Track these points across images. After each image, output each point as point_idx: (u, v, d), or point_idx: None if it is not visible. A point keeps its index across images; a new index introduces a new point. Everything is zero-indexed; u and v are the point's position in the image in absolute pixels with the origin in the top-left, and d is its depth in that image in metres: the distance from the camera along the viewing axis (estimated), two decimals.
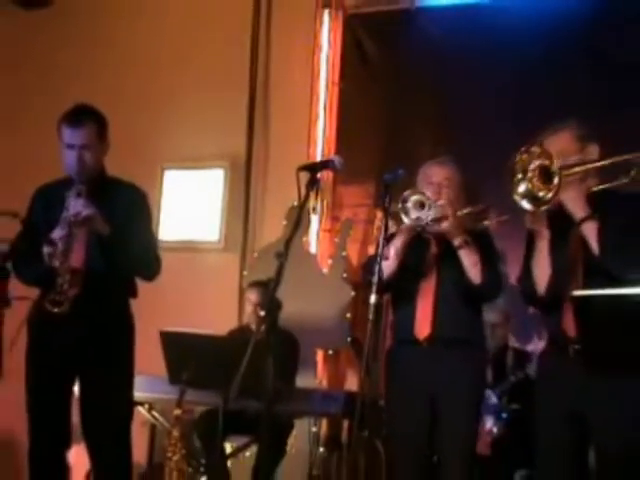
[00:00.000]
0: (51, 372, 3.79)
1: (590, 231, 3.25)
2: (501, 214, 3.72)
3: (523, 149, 3.30)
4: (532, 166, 3.27)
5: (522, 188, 3.28)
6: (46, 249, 3.62)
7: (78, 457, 3.99)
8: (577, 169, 3.30)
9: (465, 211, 3.80)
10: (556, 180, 3.22)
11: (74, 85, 6.73)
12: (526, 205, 3.28)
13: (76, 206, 3.66)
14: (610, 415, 3.21)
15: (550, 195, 3.24)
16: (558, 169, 3.23)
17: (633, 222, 3.25)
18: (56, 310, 3.58)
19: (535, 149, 3.29)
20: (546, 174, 3.26)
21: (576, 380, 3.25)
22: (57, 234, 3.64)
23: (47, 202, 3.87)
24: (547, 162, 3.25)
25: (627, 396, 3.18)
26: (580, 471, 3.35)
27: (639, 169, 3.32)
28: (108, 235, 3.70)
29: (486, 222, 3.80)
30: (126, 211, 3.85)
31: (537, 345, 4.14)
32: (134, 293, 3.98)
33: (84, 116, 3.82)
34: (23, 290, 3.61)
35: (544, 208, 3.28)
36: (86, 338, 3.74)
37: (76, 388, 3.90)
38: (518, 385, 4.49)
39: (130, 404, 4.00)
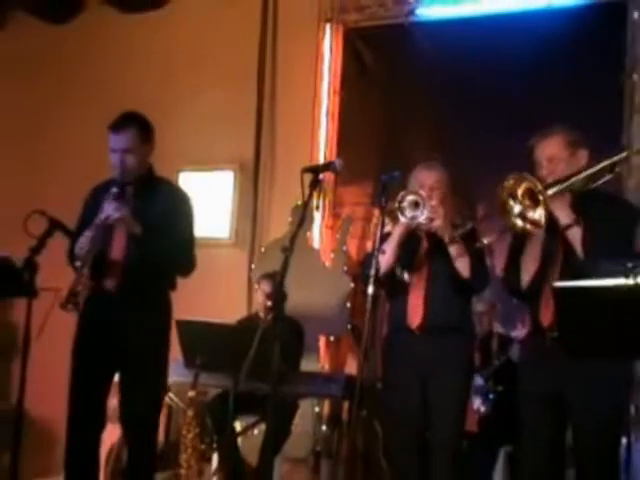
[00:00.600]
0: (92, 360, 3.78)
1: (575, 236, 3.27)
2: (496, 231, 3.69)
3: (507, 180, 3.29)
4: (519, 191, 3.27)
5: (516, 210, 3.27)
6: (77, 250, 3.65)
7: (105, 434, 3.99)
8: (560, 187, 3.29)
9: (457, 233, 3.78)
10: (542, 199, 3.22)
11: (93, 94, 6.78)
12: (521, 224, 3.26)
13: (108, 209, 3.66)
14: (585, 396, 3.24)
15: (539, 213, 3.23)
16: (542, 190, 3.22)
17: (609, 226, 3.27)
18: (70, 308, 3.55)
19: (517, 175, 3.29)
20: (533, 194, 3.26)
21: (554, 364, 3.27)
22: (84, 237, 3.64)
23: (96, 200, 3.86)
24: (531, 185, 3.25)
25: (600, 379, 3.21)
26: (558, 447, 3.38)
27: (622, 166, 3.34)
28: (141, 233, 3.70)
29: (478, 244, 3.78)
30: (165, 210, 3.82)
31: (521, 332, 4.16)
32: (173, 286, 3.96)
33: (126, 122, 3.81)
34: (49, 282, 3.63)
35: (541, 225, 3.27)
36: (125, 327, 3.73)
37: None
38: (502, 368, 4.50)
39: (163, 391, 4.00)
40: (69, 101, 6.93)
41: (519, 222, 3.27)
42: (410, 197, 3.68)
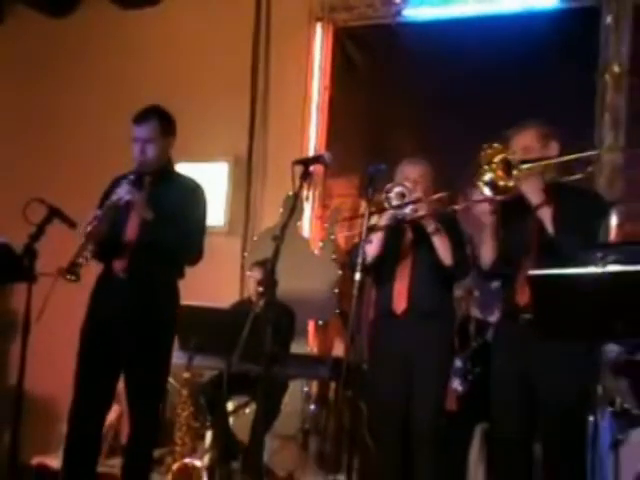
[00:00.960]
0: (99, 344, 3.74)
1: (545, 214, 3.33)
2: (467, 199, 3.76)
3: (488, 145, 3.36)
4: (496, 159, 3.33)
5: (487, 177, 3.34)
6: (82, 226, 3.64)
7: None
8: (533, 164, 3.37)
9: (436, 196, 3.85)
10: (515, 172, 3.29)
11: (91, 87, 6.78)
12: (487, 192, 3.35)
13: (120, 192, 3.67)
14: (553, 376, 3.29)
15: (510, 184, 3.30)
16: (518, 163, 3.30)
17: (579, 212, 3.33)
18: (69, 277, 3.53)
19: (500, 145, 3.36)
20: (508, 166, 3.32)
21: (525, 346, 3.33)
22: (92, 214, 3.66)
23: (114, 189, 3.82)
24: (510, 156, 3.32)
25: (568, 360, 3.27)
26: (528, 424, 3.43)
27: (594, 166, 3.41)
28: (152, 219, 3.69)
29: (455, 207, 3.86)
30: (179, 200, 3.81)
31: (497, 317, 4.20)
32: (181, 274, 3.93)
33: (148, 114, 3.82)
34: (48, 267, 3.64)
35: (504, 196, 3.35)
36: (132, 311, 3.70)
37: None
38: (479, 350, 4.55)
39: (167, 376, 3.94)
40: (68, 93, 6.90)
41: (486, 189, 3.33)
42: (396, 189, 3.72)
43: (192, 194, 3.92)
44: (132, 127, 3.82)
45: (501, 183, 3.31)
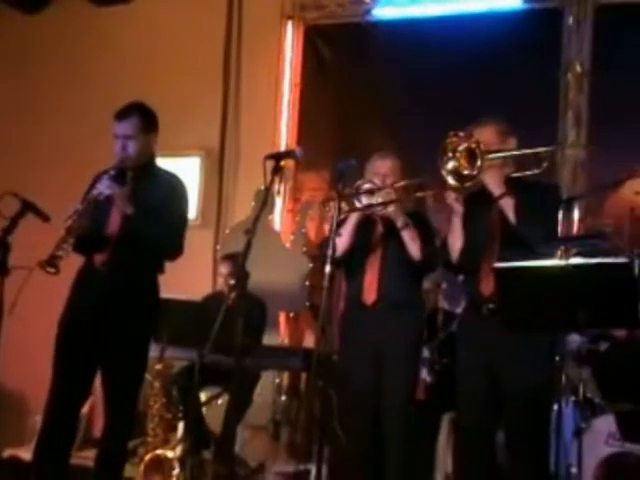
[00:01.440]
0: (77, 338, 3.70)
1: (507, 205, 3.36)
2: (434, 187, 3.77)
3: (454, 133, 3.38)
4: (461, 147, 3.34)
5: (450, 165, 3.36)
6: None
7: None
8: (497, 155, 3.40)
9: (402, 183, 3.85)
10: (479, 162, 3.31)
11: (64, 83, 6.72)
12: (451, 181, 3.36)
13: (101, 187, 3.64)
14: (516, 366, 3.31)
15: (473, 173, 3.32)
16: (482, 152, 3.31)
17: (537, 204, 3.36)
18: (48, 270, 3.49)
19: (464, 134, 3.37)
20: (472, 156, 3.34)
21: (488, 336, 3.35)
22: (73, 209, 3.62)
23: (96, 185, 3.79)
24: (474, 145, 3.34)
25: (530, 350, 3.29)
26: (491, 413, 3.45)
27: (550, 162, 3.44)
28: (132, 213, 3.65)
29: (421, 194, 3.86)
30: (161, 195, 3.77)
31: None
32: (161, 269, 3.89)
33: (129, 110, 3.78)
34: (21, 261, 3.61)
35: (466, 185, 3.37)
36: (111, 305, 3.66)
37: None
38: (446, 341, 4.57)
39: (145, 366, 3.89)
40: (42, 89, 6.82)
41: (449, 177, 3.34)
42: (366, 185, 3.73)
43: (173, 189, 3.89)
44: (114, 123, 3.79)
45: (465, 172, 3.33)
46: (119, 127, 3.77)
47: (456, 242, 3.50)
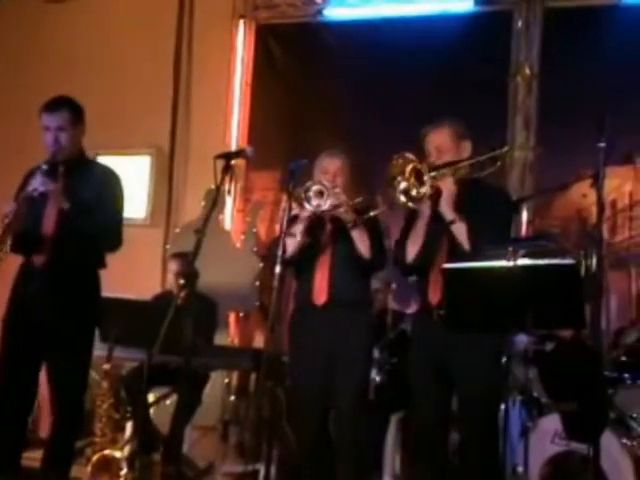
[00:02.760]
0: (21, 337, 3.67)
1: (460, 230, 3.35)
2: (384, 203, 3.79)
3: (399, 155, 3.38)
4: (408, 168, 3.36)
5: (402, 186, 3.37)
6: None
7: None
8: (444, 170, 3.40)
9: (357, 200, 3.84)
10: (426, 178, 3.32)
11: (13, 81, 6.61)
12: (403, 199, 3.37)
13: (35, 183, 3.58)
14: (467, 367, 3.33)
15: (422, 191, 3.33)
16: (428, 170, 3.33)
17: (491, 212, 3.38)
18: None
19: (409, 155, 3.37)
20: (418, 175, 3.35)
21: (440, 338, 3.36)
22: (8, 207, 3.57)
23: (29, 181, 3.73)
24: (418, 165, 3.35)
25: (480, 351, 3.31)
26: (444, 413, 3.46)
27: (503, 162, 3.46)
28: (69, 208, 3.60)
29: (372, 213, 3.85)
30: (95, 188, 3.74)
31: (414, 309, 4.24)
32: (102, 264, 3.85)
33: (59, 102, 3.76)
34: None
35: (417, 204, 3.38)
36: (52, 303, 3.64)
37: None
38: (396, 341, 4.58)
39: (89, 368, 3.88)
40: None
41: (402, 197, 3.36)
42: (315, 187, 3.70)
43: (108, 182, 3.86)
44: (43, 116, 3.75)
45: (413, 191, 3.34)
46: (50, 119, 3.73)
47: (414, 245, 3.49)
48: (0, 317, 3.77)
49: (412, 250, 3.50)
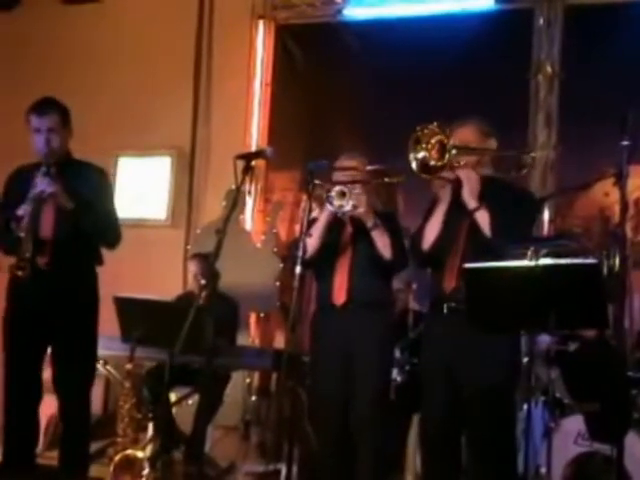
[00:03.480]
0: (25, 333, 3.74)
1: (482, 218, 3.33)
2: (402, 173, 3.75)
3: (437, 124, 3.35)
4: (434, 140, 3.33)
5: (420, 155, 3.34)
6: (13, 224, 3.60)
7: (43, 405, 3.94)
8: (466, 151, 3.39)
9: (373, 167, 3.83)
10: (447, 156, 3.30)
11: (38, 82, 6.60)
12: (414, 166, 3.34)
13: (41, 184, 3.62)
14: (474, 368, 3.30)
15: (439, 165, 3.31)
16: (452, 147, 3.31)
17: (515, 208, 3.36)
18: (19, 274, 3.54)
19: (439, 127, 3.35)
20: (442, 149, 3.33)
21: (449, 337, 3.35)
22: (22, 210, 3.61)
23: (21, 181, 3.79)
24: (445, 139, 3.32)
25: (492, 352, 3.28)
26: (455, 414, 3.42)
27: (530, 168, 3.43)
28: (73, 208, 3.66)
29: (390, 179, 3.83)
30: (90, 186, 3.81)
31: None
32: (100, 261, 3.94)
33: (49, 105, 3.80)
34: None
35: (429, 176, 3.35)
36: (56, 301, 3.70)
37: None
38: (416, 341, 4.56)
39: (93, 363, 3.96)
40: (7, 88, 6.73)
41: (415, 164, 3.33)
42: (337, 188, 3.70)
43: (100, 179, 3.94)
44: (33, 118, 3.78)
45: (432, 163, 3.31)
46: (41, 121, 3.76)
47: (432, 231, 3.46)
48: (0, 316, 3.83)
49: (430, 236, 3.47)
